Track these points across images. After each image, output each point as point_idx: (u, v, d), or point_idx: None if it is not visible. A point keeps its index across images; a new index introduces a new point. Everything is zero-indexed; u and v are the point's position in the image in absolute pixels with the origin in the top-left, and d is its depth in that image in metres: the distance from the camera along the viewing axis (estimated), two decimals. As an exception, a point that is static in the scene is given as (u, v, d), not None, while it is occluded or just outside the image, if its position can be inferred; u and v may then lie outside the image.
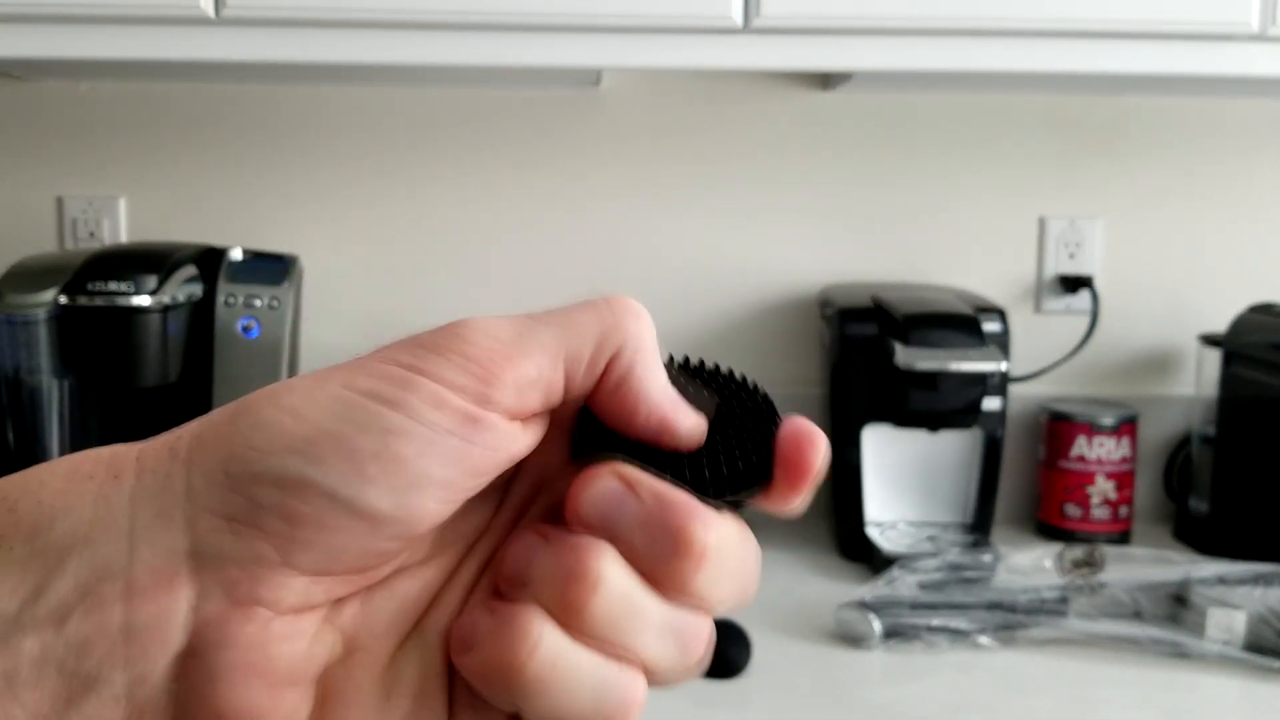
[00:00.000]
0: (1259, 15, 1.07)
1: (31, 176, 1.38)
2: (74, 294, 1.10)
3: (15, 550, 0.24)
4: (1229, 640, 1.02)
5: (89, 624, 0.23)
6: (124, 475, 0.25)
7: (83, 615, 0.23)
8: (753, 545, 0.28)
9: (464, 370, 0.26)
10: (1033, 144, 1.42)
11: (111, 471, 0.25)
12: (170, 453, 0.25)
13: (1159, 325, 1.44)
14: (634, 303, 0.29)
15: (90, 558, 0.24)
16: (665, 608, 0.27)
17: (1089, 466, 1.33)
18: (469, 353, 0.26)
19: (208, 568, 0.24)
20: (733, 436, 0.28)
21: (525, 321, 0.28)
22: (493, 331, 0.27)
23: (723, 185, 1.40)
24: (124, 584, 0.24)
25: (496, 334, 0.27)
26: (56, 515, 0.24)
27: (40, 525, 0.24)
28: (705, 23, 1.06)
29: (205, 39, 1.06)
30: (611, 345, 0.28)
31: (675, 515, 0.26)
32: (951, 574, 1.12)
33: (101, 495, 0.25)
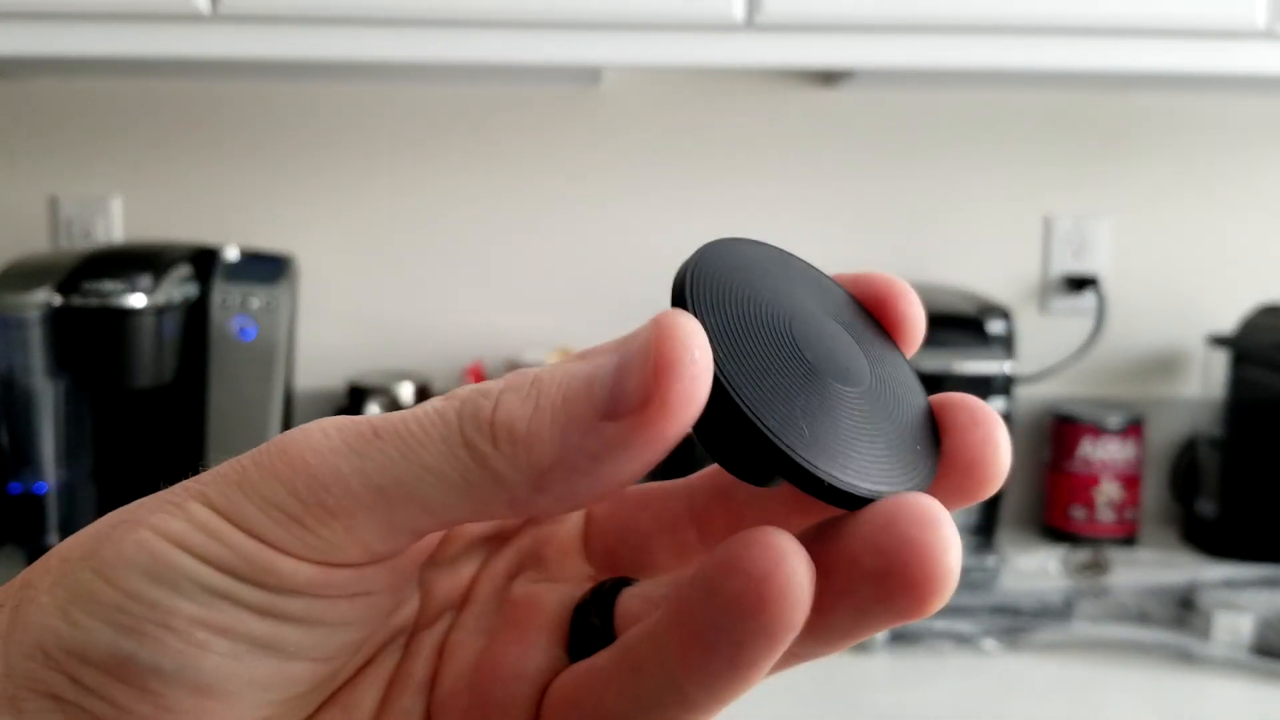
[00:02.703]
0: (1266, 13, 1.06)
1: (25, 175, 1.37)
2: (68, 294, 1.09)
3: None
4: (1236, 644, 1.01)
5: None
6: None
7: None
8: None
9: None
10: (1038, 142, 1.41)
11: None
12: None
13: (1166, 326, 1.43)
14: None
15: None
16: None
17: (1095, 468, 1.31)
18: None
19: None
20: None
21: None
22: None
23: (724, 184, 1.39)
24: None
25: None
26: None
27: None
28: (706, 20, 1.05)
29: (200, 36, 1.05)
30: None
31: None
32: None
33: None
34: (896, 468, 0.23)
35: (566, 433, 0.20)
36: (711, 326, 0.22)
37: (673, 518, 0.28)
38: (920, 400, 0.25)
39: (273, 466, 0.21)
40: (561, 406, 0.20)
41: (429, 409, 0.21)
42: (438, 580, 0.27)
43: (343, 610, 0.22)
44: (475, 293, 1.39)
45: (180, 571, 0.20)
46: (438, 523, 0.21)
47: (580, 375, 0.21)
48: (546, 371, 0.21)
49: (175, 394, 1.17)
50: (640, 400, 0.20)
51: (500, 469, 0.20)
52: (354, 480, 0.20)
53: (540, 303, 1.39)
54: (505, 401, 0.21)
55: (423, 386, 1.29)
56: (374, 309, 1.38)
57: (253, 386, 1.17)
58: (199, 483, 0.21)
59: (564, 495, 0.21)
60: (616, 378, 0.20)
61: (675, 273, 0.23)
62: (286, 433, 0.21)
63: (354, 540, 0.21)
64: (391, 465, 0.21)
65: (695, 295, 0.23)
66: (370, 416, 0.21)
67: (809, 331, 0.24)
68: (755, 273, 0.25)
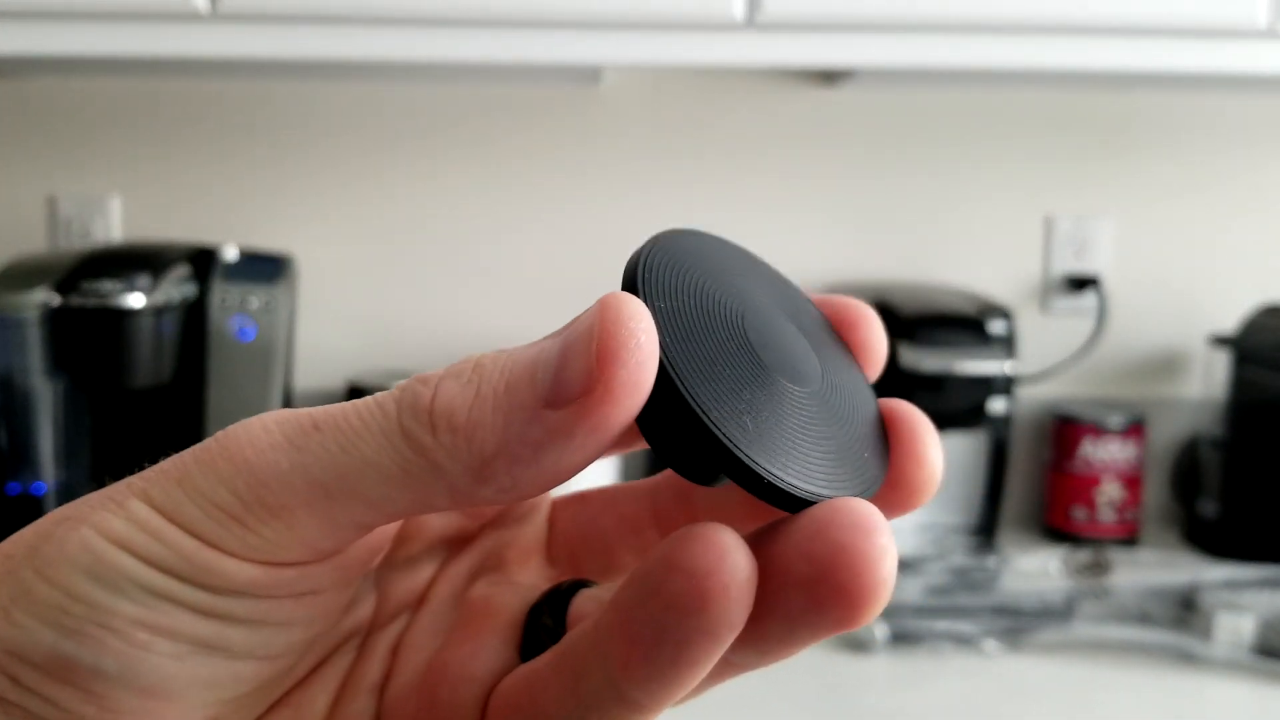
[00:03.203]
0: (1266, 12, 1.06)
1: (23, 175, 1.37)
2: (66, 294, 1.09)
3: None
4: (1237, 644, 1.01)
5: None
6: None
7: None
8: None
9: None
10: (1039, 142, 1.41)
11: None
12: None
13: (1167, 326, 1.43)
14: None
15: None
16: None
17: (1096, 469, 1.31)
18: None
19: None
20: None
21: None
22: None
23: (724, 184, 1.39)
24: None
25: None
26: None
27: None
28: (706, 19, 1.04)
29: (199, 35, 1.04)
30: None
31: None
32: (957, 578, 1.11)
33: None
34: (841, 472, 0.22)
35: (509, 421, 0.19)
36: (661, 311, 0.21)
37: (636, 519, 0.27)
38: (871, 408, 0.25)
39: (214, 463, 0.20)
40: (504, 394, 0.20)
41: (370, 400, 0.20)
42: (395, 581, 0.27)
43: (288, 610, 0.22)
44: (475, 293, 1.39)
45: (121, 572, 0.20)
46: (380, 516, 0.21)
47: (523, 360, 0.20)
48: (489, 357, 0.21)
49: (174, 394, 1.16)
50: (583, 387, 0.19)
51: (440, 459, 0.20)
52: (294, 476, 0.20)
53: (540, 302, 1.39)
54: (444, 389, 0.20)
55: (422, 387, 1.28)
56: (374, 309, 1.38)
57: (252, 387, 1.16)
58: (143, 479, 0.21)
59: (507, 486, 0.20)
60: (560, 363, 0.19)
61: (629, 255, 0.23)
62: (229, 428, 0.21)
63: (296, 538, 0.20)
64: (331, 459, 0.20)
65: (647, 279, 0.22)
66: (313, 409, 0.21)
67: (762, 327, 0.23)
68: (713, 264, 0.24)
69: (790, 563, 0.19)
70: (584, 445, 0.19)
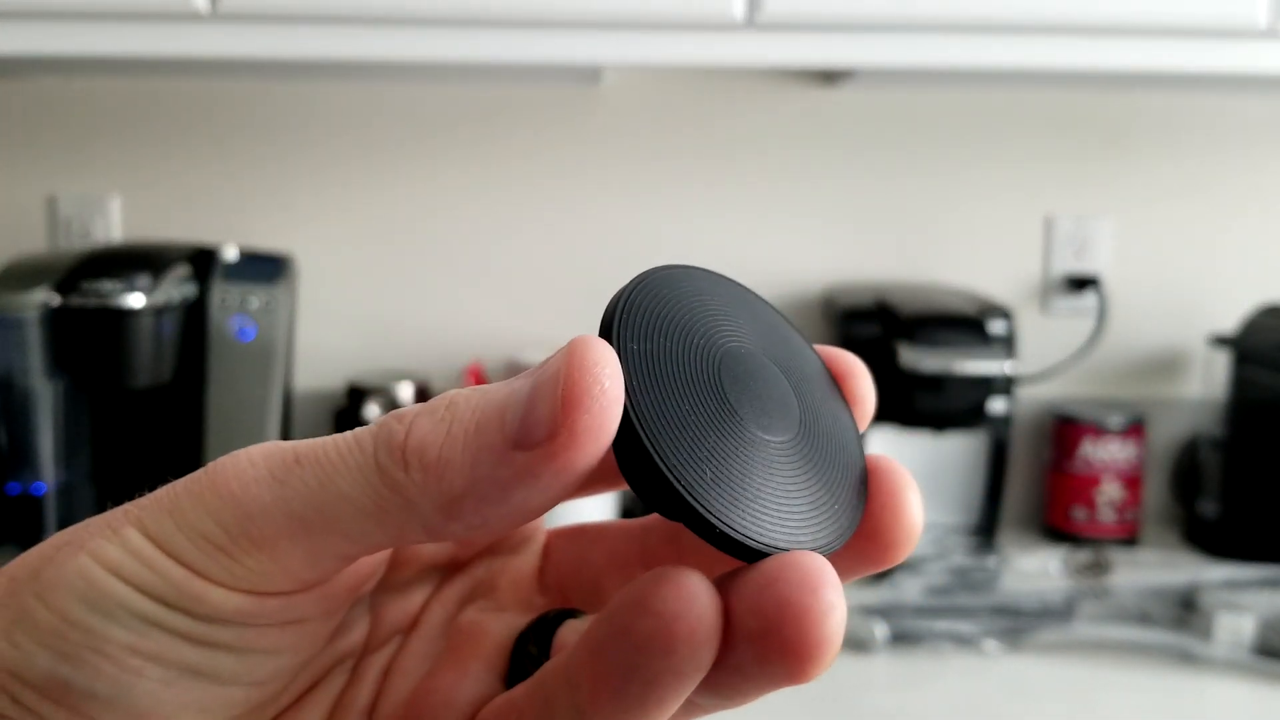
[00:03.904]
0: (1267, 12, 1.06)
1: (23, 175, 1.37)
2: (66, 294, 1.09)
3: None
4: (1237, 644, 1.01)
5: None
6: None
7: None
8: None
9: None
10: (1038, 142, 1.41)
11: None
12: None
13: (1167, 326, 1.43)
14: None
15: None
16: None
17: (1096, 469, 1.31)
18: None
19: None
20: None
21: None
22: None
23: (724, 184, 1.39)
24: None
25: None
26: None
27: None
28: (706, 19, 1.04)
29: (199, 35, 1.04)
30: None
31: None
32: (957, 578, 1.11)
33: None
34: (806, 523, 0.22)
35: (477, 461, 0.20)
36: (633, 354, 0.21)
37: (625, 556, 0.28)
38: (855, 459, 0.24)
39: (202, 496, 0.21)
40: (474, 434, 0.20)
41: (350, 436, 0.21)
42: (388, 605, 0.27)
43: (274, 638, 0.22)
44: (475, 292, 1.39)
45: (114, 599, 0.20)
46: (359, 548, 0.21)
47: (495, 401, 0.20)
48: (464, 395, 0.21)
49: (174, 394, 1.16)
50: (549, 431, 0.19)
51: (412, 496, 0.20)
52: (276, 510, 0.20)
53: (540, 302, 1.39)
54: (418, 426, 0.20)
55: (422, 386, 1.28)
56: (374, 309, 1.38)
57: (252, 387, 1.16)
58: (139, 507, 0.21)
59: (476, 524, 0.20)
60: (528, 406, 0.20)
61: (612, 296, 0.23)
62: (218, 460, 0.21)
63: (280, 569, 0.21)
64: (311, 494, 0.20)
65: (624, 321, 0.22)
66: (297, 443, 0.21)
67: (741, 372, 0.23)
68: (701, 304, 0.24)
69: (740, 616, 0.20)
70: (550, 486, 0.20)
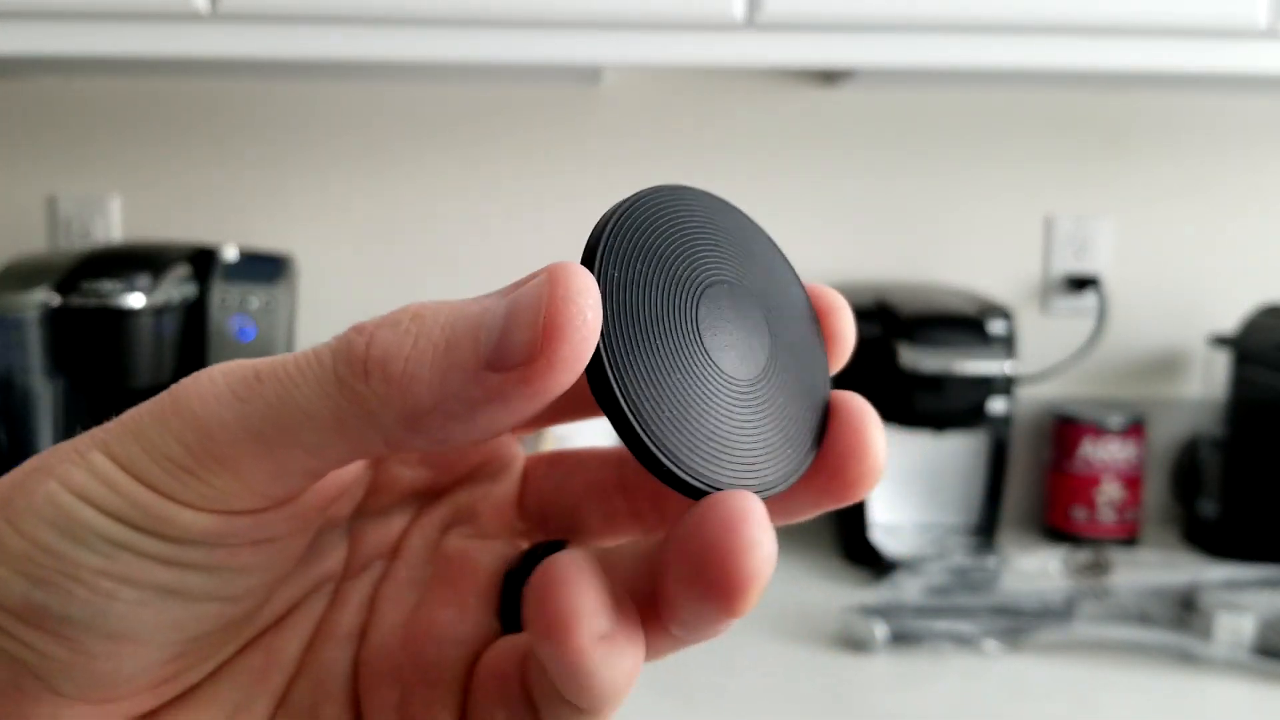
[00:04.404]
0: (1267, 13, 1.06)
1: (23, 175, 1.37)
2: (66, 294, 1.09)
3: None
4: (1237, 644, 1.01)
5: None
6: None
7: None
8: None
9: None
10: (1038, 142, 1.41)
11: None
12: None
13: (1167, 326, 1.43)
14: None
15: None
16: None
17: (1096, 469, 1.31)
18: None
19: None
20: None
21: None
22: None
23: (724, 184, 1.39)
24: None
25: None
26: None
27: None
28: (706, 19, 1.04)
29: (199, 35, 1.04)
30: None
31: None
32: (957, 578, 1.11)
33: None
34: (755, 464, 0.22)
35: (446, 378, 0.20)
36: (613, 281, 0.21)
37: (604, 485, 0.28)
38: (820, 398, 0.24)
39: (163, 416, 0.21)
40: (444, 350, 0.20)
41: (309, 351, 0.21)
42: (367, 531, 0.27)
43: (246, 556, 0.22)
44: (475, 292, 1.38)
45: (83, 524, 0.20)
46: (323, 463, 0.21)
47: (467, 317, 0.20)
48: (429, 307, 0.20)
49: (174, 394, 1.16)
50: (525, 356, 0.19)
51: (373, 408, 0.20)
52: (237, 426, 0.20)
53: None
54: (380, 338, 0.20)
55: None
56: (374, 309, 1.38)
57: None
58: (105, 431, 0.21)
59: (439, 439, 0.20)
60: (505, 328, 0.20)
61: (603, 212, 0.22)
62: (181, 381, 0.21)
63: (244, 487, 0.21)
64: (270, 409, 0.20)
65: (608, 246, 0.21)
66: (259, 360, 0.21)
67: (718, 306, 0.23)
68: (687, 231, 0.23)
69: (675, 555, 0.20)
70: (519, 408, 0.20)
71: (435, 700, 0.25)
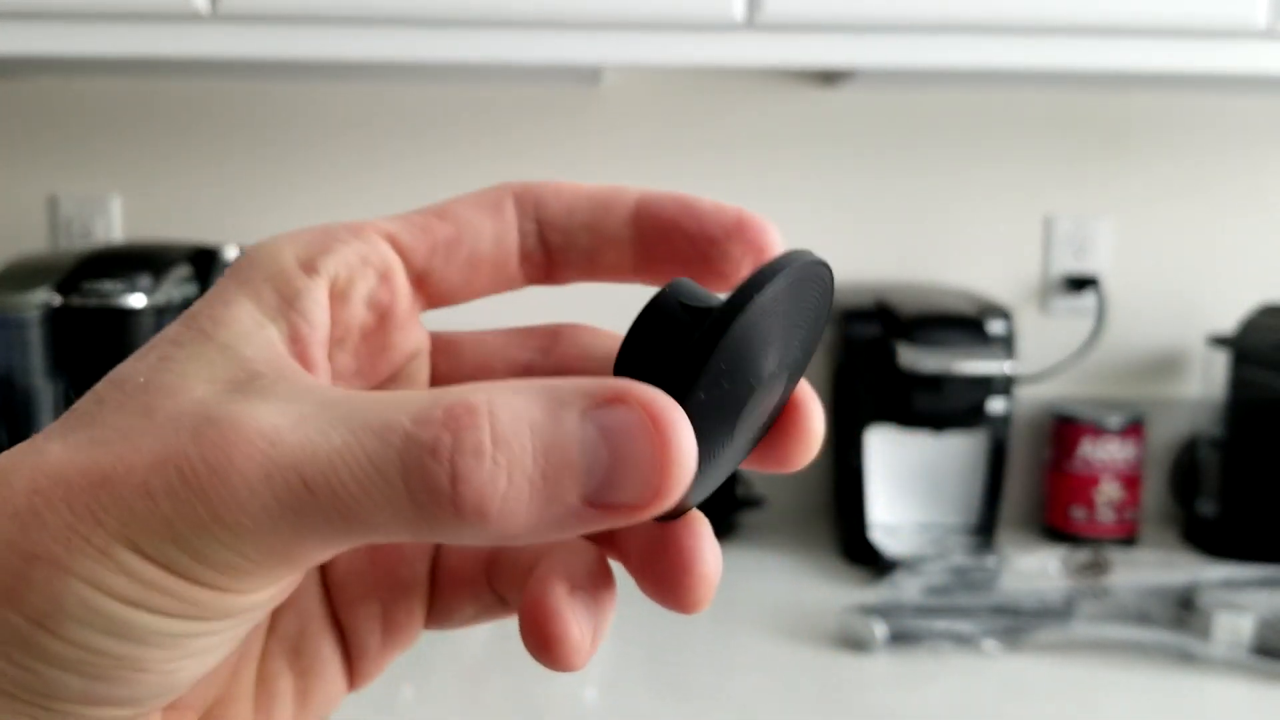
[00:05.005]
0: (1266, 13, 1.06)
1: (24, 175, 1.37)
2: (67, 294, 1.09)
3: None
4: (1236, 644, 1.01)
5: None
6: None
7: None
8: None
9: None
10: (1038, 142, 1.41)
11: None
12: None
13: (1166, 326, 1.43)
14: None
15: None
16: None
17: (1095, 469, 1.31)
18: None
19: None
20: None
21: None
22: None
23: (724, 184, 1.39)
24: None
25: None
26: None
27: None
28: (706, 19, 1.04)
29: (200, 36, 1.05)
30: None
31: None
32: (956, 577, 1.12)
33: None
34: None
35: (545, 513, 0.19)
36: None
37: (491, 367, 0.28)
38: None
39: (201, 523, 0.19)
40: (541, 487, 0.19)
41: (363, 458, 0.19)
42: None
43: (283, 594, 0.23)
44: (475, 293, 1.39)
45: (145, 628, 0.19)
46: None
47: (561, 448, 0.19)
48: (506, 422, 0.19)
49: (175, 394, 1.16)
50: (635, 502, 0.19)
51: (457, 533, 0.19)
52: (290, 536, 0.19)
53: (539, 302, 1.39)
54: (467, 473, 0.19)
55: (422, 386, 1.28)
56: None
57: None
58: (119, 521, 0.19)
59: (513, 545, 0.21)
60: (611, 478, 0.19)
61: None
62: (205, 473, 0.19)
63: (297, 573, 0.21)
64: (328, 524, 0.19)
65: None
66: (298, 461, 0.19)
67: (759, 395, 0.23)
68: (771, 340, 0.22)
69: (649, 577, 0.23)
70: (605, 527, 0.20)
71: (414, 605, 0.27)
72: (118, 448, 0.20)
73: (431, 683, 0.98)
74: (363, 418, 0.19)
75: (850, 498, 1.26)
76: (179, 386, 0.21)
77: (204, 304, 0.23)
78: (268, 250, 0.23)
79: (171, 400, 0.20)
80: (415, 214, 0.26)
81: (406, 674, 0.99)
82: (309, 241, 0.23)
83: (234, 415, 0.19)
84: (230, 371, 0.21)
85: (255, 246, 0.24)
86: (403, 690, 0.96)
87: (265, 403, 0.20)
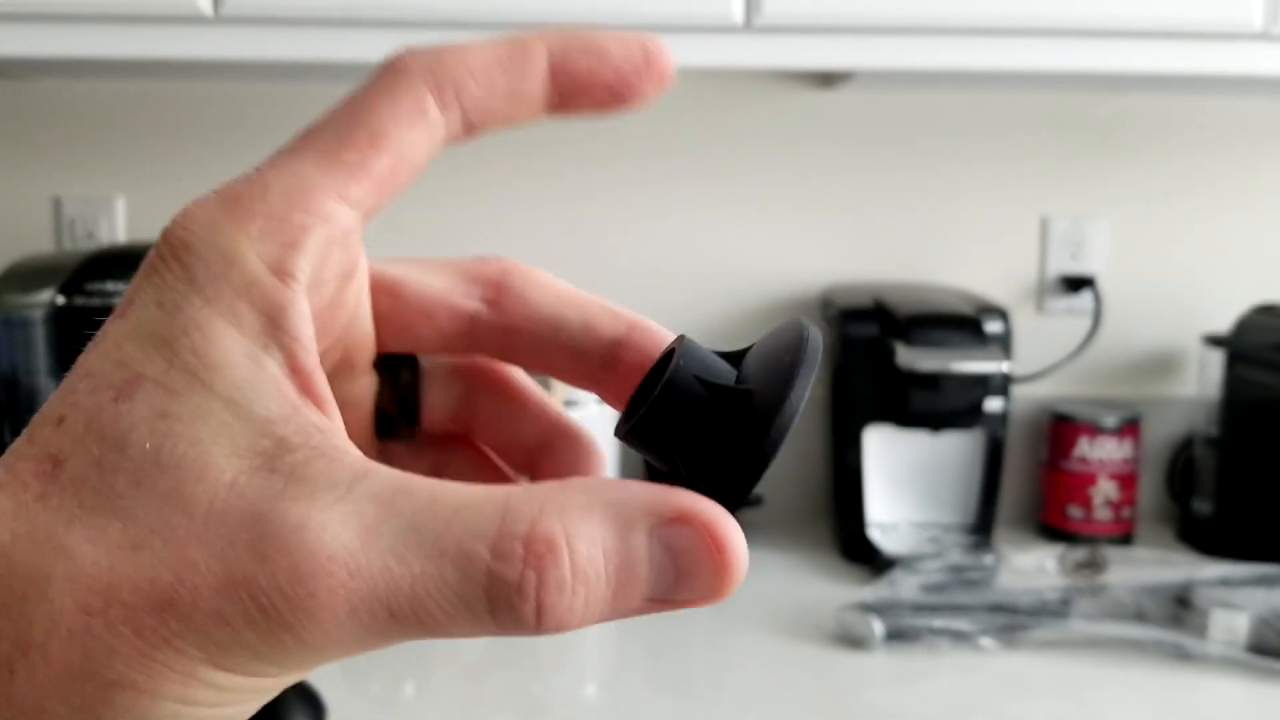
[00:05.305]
0: (1262, 15, 1.06)
1: (28, 176, 1.37)
2: (71, 294, 1.10)
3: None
4: (1232, 642, 1.02)
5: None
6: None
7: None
8: None
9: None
10: (1035, 143, 1.41)
11: None
12: None
13: (1162, 326, 1.44)
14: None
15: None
16: None
17: (1091, 467, 1.32)
18: None
19: None
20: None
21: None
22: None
23: (723, 185, 1.39)
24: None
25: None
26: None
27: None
28: (706, 21, 1.05)
29: (203, 37, 1.05)
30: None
31: None
32: (953, 576, 1.12)
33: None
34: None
35: (609, 616, 0.21)
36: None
37: (432, 306, 0.28)
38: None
39: (285, 645, 0.19)
40: (610, 600, 0.20)
41: (447, 593, 0.19)
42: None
43: None
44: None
45: (223, 716, 0.20)
46: None
47: (629, 567, 0.20)
48: (583, 556, 0.20)
49: (178, 394, 1.17)
50: (693, 602, 0.21)
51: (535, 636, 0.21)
52: (370, 648, 0.21)
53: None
54: (551, 606, 0.20)
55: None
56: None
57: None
58: (198, 649, 0.19)
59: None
60: (676, 583, 0.21)
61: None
62: (284, 607, 0.19)
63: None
64: (410, 639, 0.20)
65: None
66: (378, 590, 0.19)
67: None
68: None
69: None
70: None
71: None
72: (164, 556, 0.19)
73: (432, 681, 0.99)
74: (436, 543, 0.19)
75: (848, 496, 1.26)
76: (201, 463, 0.19)
77: (172, 326, 0.20)
78: (219, 250, 0.21)
79: (201, 487, 0.19)
80: (350, 152, 0.24)
81: (408, 672, 0.99)
82: (266, 233, 0.21)
83: (292, 527, 0.19)
84: (251, 439, 0.20)
85: (193, 236, 0.21)
86: (404, 688, 0.97)
87: (315, 504, 0.19)
